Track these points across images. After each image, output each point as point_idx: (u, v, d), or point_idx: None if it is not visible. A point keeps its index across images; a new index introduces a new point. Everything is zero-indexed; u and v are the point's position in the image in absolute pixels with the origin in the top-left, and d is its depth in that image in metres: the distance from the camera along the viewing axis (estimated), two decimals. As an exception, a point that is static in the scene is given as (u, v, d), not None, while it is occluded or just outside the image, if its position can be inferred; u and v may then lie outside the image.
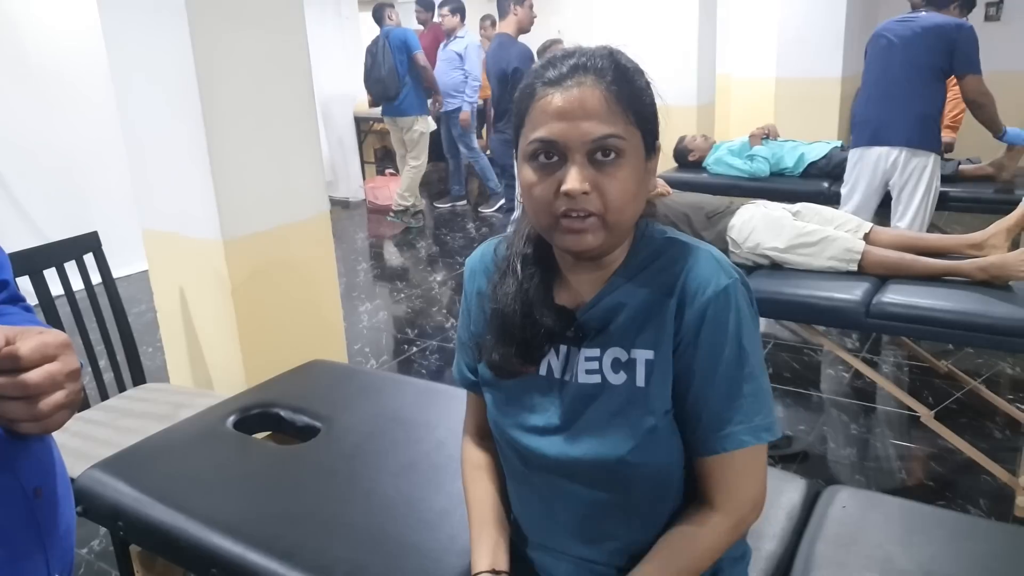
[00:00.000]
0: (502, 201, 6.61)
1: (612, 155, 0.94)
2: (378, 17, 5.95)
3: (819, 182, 4.12)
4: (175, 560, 1.52)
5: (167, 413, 2.08)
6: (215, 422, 1.83)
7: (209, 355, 2.44)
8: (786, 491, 1.49)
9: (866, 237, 2.68)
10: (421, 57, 5.90)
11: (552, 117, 0.94)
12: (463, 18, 6.46)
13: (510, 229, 1.20)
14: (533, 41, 5.67)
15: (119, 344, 2.30)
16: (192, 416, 1.90)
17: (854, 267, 2.56)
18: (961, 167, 3.86)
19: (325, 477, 1.58)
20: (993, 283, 2.37)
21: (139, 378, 2.36)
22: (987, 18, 6.54)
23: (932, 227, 4.51)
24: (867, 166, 3.58)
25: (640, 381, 1.00)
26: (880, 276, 2.54)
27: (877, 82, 3.52)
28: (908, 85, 3.38)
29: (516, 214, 2.73)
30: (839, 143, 4.32)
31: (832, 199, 3.88)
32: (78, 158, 4.91)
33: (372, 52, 5.84)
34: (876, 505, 1.45)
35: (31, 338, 0.79)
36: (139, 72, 2.27)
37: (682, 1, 5.04)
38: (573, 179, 0.92)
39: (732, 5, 7.08)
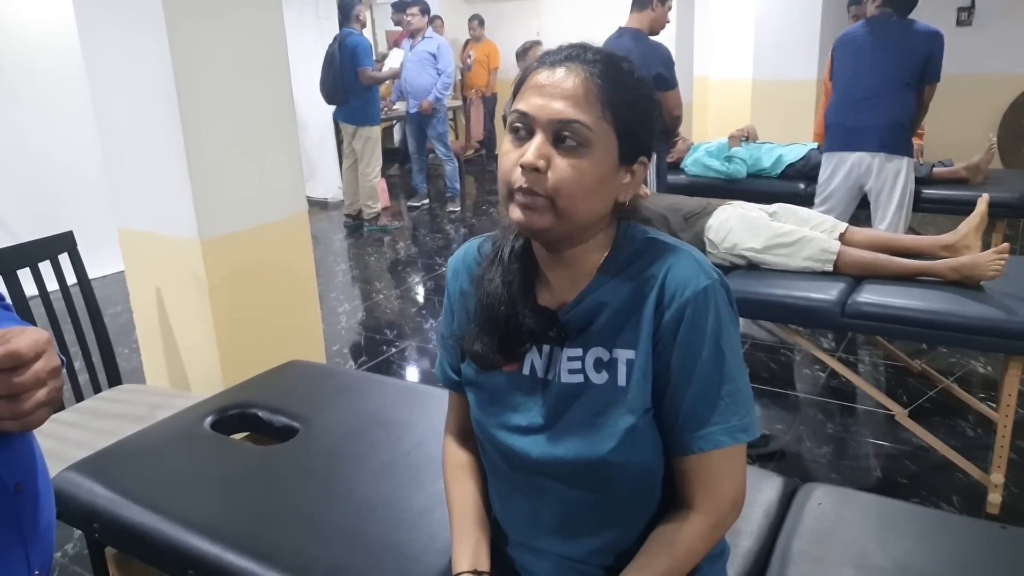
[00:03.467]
0: (458, 207, 6.82)
1: (575, 143, 0.95)
2: (344, 14, 5.82)
3: (796, 183, 4.17)
4: (151, 562, 1.50)
5: (143, 414, 2.06)
6: (192, 423, 1.81)
7: (186, 356, 2.42)
8: (763, 489, 1.51)
9: (841, 237, 2.71)
10: (365, 75, 5.75)
11: (532, 92, 0.97)
12: (430, 19, 6.47)
13: None
14: (514, 43, 5.69)
15: (94, 345, 2.27)
16: (169, 417, 1.88)
17: (830, 267, 2.59)
18: (935, 170, 3.92)
19: (304, 477, 1.57)
20: (965, 283, 2.41)
21: (115, 379, 2.33)
22: (959, 23, 6.63)
23: (912, 229, 4.57)
24: (841, 171, 3.64)
25: (621, 380, 1.00)
26: (855, 276, 2.57)
27: (850, 88, 3.58)
28: (882, 92, 3.46)
29: None
30: (815, 145, 4.37)
31: (809, 200, 3.92)
32: (51, 156, 4.85)
33: (329, 53, 5.77)
34: (851, 502, 1.46)
35: (24, 336, 0.79)
36: (115, 69, 2.25)
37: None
38: (530, 152, 0.94)
39: (709, 7, 7.13)
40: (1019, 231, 5.38)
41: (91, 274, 2.31)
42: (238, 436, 1.88)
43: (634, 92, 0.99)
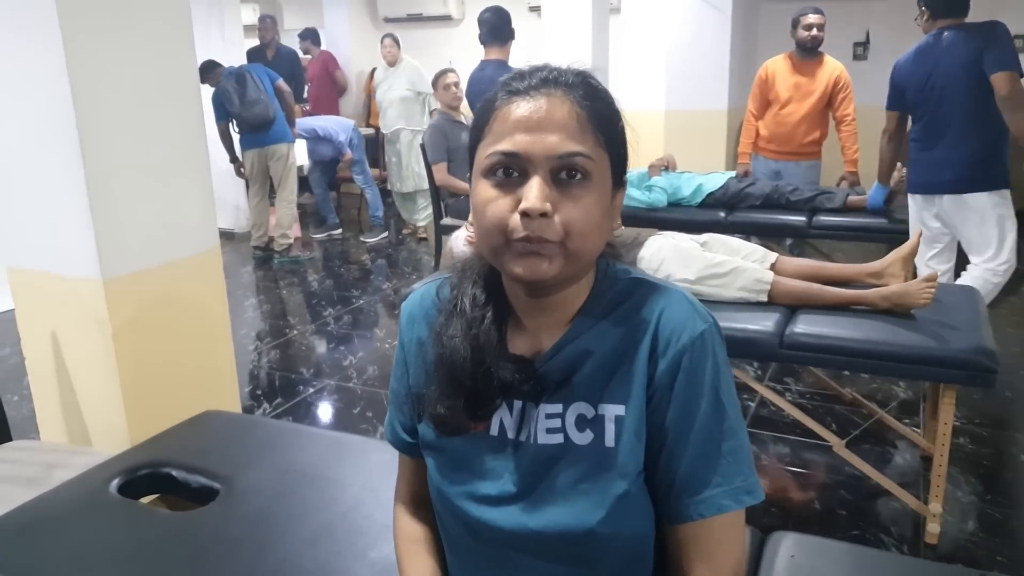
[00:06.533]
0: (385, 233, 6.64)
1: (578, 176, 0.85)
2: (210, 77, 5.57)
3: (716, 212, 4.22)
4: (49, 656, 1.31)
5: (37, 476, 1.83)
6: (96, 486, 1.61)
7: (86, 407, 2.18)
8: (729, 538, 1.43)
9: (772, 267, 2.71)
10: (284, 84, 5.82)
11: (515, 128, 0.85)
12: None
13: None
14: (427, 72, 5.60)
15: (-23, 397, 2.03)
16: (69, 480, 1.67)
17: (764, 297, 2.57)
18: (849, 198, 4.02)
19: (228, 546, 1.40)
20: (895, 311, 2.43)
21: (3, 435, 2.08)
22: (855, 57, 6.93)
23: (824, 256, 4.68)
24: (927, 214, 3.36)
25: (609, 441, 0.89)
26: (789, 306, 2.56)
27: (937, 128, 3.26)
28: (955, 122, 3.20)
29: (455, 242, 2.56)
30: (733, 174, 4.45)
31: (729, 228, 3.96)
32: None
33: (240, 82, 5.52)
34: (824, 552, 1.40)
35: None
36: (3, 88, 2.03)
37: (575, 33, 5.08)
38: (533, 197, 0.83)
39: (622, 39, 7.24)
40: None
41: (-27, 318, 2.07)
42: (148, 499, 1.69)
43: (612, 107, 0.91)
